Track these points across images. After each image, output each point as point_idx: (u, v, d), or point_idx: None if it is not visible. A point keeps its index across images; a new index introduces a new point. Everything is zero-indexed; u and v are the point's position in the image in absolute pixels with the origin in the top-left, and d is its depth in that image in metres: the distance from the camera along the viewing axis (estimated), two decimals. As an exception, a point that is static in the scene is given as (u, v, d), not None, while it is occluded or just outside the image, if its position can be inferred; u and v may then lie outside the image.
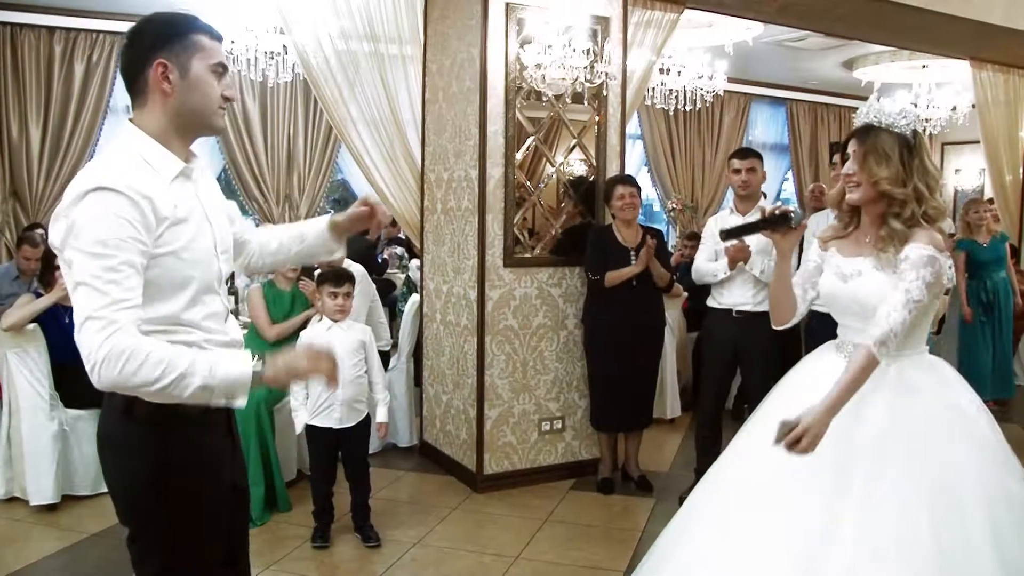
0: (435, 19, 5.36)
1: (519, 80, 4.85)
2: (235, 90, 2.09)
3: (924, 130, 9.61)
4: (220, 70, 1.99)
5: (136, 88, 1.97)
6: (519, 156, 4.91)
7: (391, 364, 5.74)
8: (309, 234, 2.42)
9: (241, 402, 2.02)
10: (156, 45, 1.93)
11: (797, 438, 2.27)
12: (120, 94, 7.66)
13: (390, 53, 5.46)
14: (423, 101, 5.53)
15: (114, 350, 1.74)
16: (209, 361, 1.83)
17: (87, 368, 1.76)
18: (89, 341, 1.75)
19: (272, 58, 6.89)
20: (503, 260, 4.88)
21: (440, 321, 5.39)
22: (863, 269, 2.55)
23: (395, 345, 5.94)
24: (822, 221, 4.54)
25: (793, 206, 2.68)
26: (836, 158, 4.46)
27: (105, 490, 4.78)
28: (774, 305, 2.80)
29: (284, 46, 6.71)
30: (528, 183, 5.01)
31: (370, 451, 4.52)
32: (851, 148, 2.57)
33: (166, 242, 1.88)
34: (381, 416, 4.27)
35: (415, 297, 5.82)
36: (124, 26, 8.28)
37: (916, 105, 9.54)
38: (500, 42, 4.78)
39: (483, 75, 4.76)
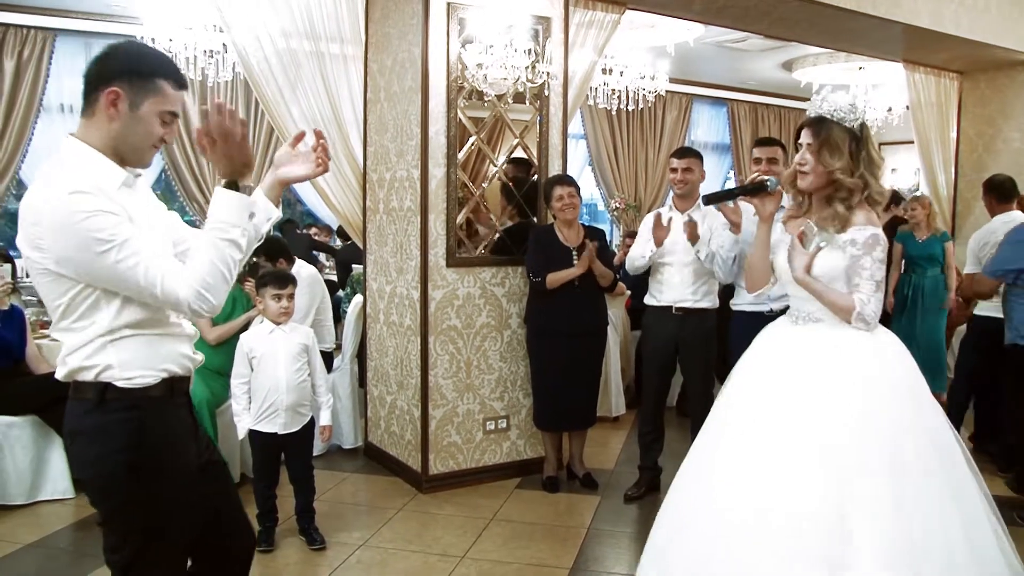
0: (376, 18, 5.33)
1: (460, 80, 4.84)
2: (174, 135, 2.21)
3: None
4: (168, 119, 2.11)
5: (88, 101, 2.08)
6: (461, 156, 4.90)
7: (335, 365, 5.70)
8: None
9: (275, 213, 2.27)
10: (118, 73, 2.04)
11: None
12: (53, 92, 7.57)
13: (331, 52, 5.43)
14: (365, 101, 5.51)
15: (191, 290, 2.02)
16: (223, 225, 2.08)
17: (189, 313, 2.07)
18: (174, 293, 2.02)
19: (212, 57, 6.78)
20: (446, 260, 4.87)
21: (384, 321, 5.36)
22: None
23: (339, 346, 5.90)
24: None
25: (768, 177, 2.93)
26: (757, 151, 4.56)
27: (42, 498, 4.71)
28: (750, 269, 3.06)
29: (224, 44, 6.61)
30: (470, 183, 5.01)
31: (314, 453, 4.47)
32: (804, 139, 2.80)
33: None
34: (324, 419, 4.24)
35: (358, 298, 5.79)
36: (56, 22, 7.99)
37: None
38: (441, 42, 4.77)
39: (424, 75, 4.75)
